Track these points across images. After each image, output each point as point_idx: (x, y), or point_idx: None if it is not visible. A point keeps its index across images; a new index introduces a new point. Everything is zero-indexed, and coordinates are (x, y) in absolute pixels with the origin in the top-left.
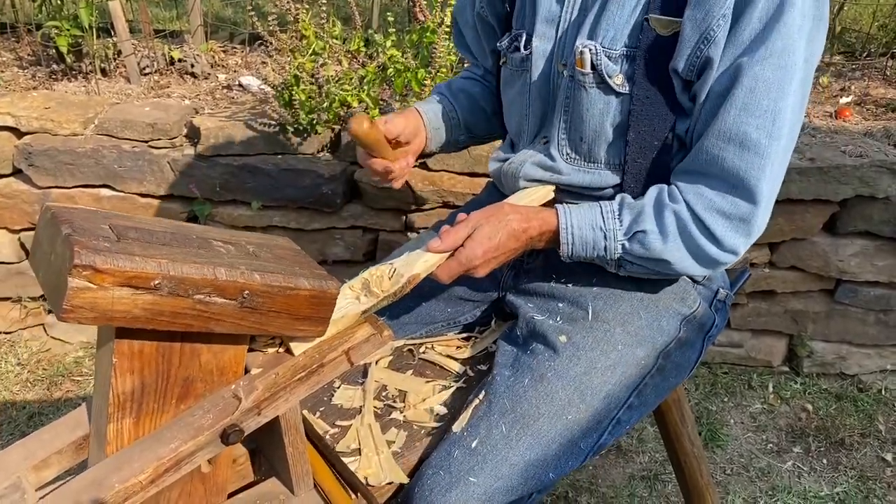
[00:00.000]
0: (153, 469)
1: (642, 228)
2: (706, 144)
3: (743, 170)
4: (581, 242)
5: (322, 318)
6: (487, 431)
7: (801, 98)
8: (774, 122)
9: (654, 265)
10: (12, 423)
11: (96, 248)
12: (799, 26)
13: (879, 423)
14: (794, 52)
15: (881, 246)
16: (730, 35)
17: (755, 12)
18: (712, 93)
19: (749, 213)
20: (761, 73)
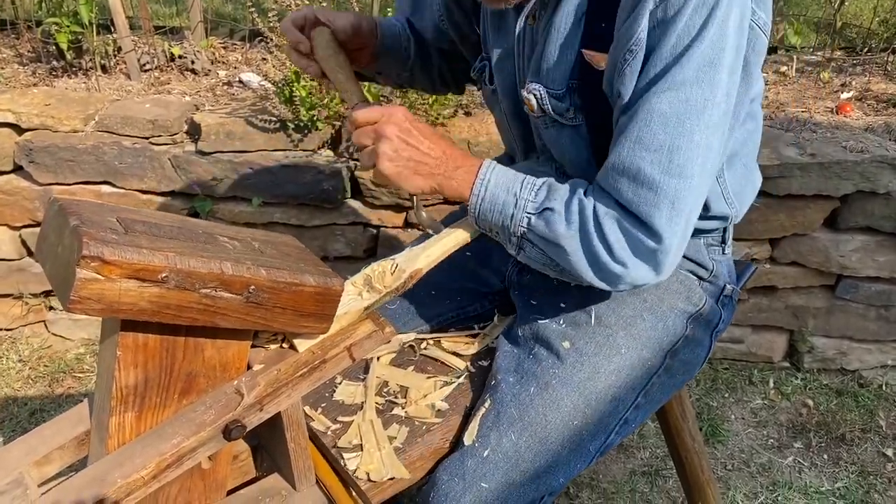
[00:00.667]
0: (155, 465)
1: (551, 206)
2: (606, 170)
3: (635, 203)
4: (491, 200)
5: (326, 315)
6: (497, 441)
7: (716, 133)
8: (672, 159)
9: (552, 251)
10: (14, 419)
11: (104, 239)
12: (711, 60)
13: (880, 419)
14: (700, 85)
15: (882, 241)
16: (642, 68)
17: (667, 46)
18: (619, 123)
19: (648, 244)
20: (657, 106)
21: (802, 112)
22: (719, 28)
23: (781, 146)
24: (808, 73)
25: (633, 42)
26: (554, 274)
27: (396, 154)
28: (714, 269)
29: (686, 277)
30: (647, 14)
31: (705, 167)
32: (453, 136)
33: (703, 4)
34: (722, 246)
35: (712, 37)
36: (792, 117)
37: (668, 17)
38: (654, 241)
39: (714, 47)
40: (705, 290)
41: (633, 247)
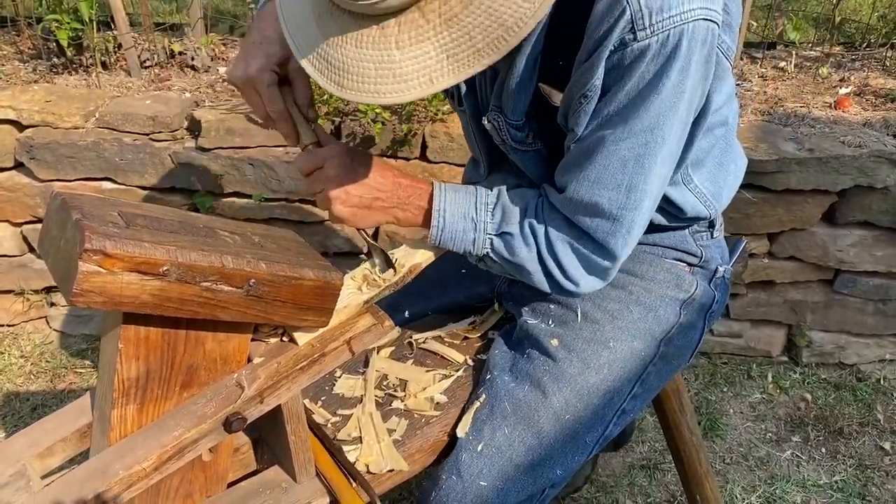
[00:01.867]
0: (156, 457)
1: (509, 230)
2: (564, 201)
3: (593, 230)
4: (451, 230)
5: (326, 309)
6: (491, 434)
7: (669, 161)
8: (629, 196)
9: (513, 269)
10: (16, 414)
11: (106, 233)
12: (671, 104)
13: (878, 413)
14: (660, 127)
15: (880, 236)
16: (596, 108)
17: (623, 89)
18: (572, 153)
19: (602, 264)
20: (616, 151)
21: (801, 107)
22: (679, 74)
23: (780, 141)
24: (806, 69)
25: (589, 87)
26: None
27: (347, 195)
28: (703, 254)
29: (673, 265)
30: (604, 60)
31: (657, 192)
32: (452, 133)
33: (660, 54)
34: (710, 231)
35: (672, 83)
36: (790, 112)
37: (623, 63)
38: (608, 261)
39: (675, 93)
40: (696, 275)
41: (587, 266)
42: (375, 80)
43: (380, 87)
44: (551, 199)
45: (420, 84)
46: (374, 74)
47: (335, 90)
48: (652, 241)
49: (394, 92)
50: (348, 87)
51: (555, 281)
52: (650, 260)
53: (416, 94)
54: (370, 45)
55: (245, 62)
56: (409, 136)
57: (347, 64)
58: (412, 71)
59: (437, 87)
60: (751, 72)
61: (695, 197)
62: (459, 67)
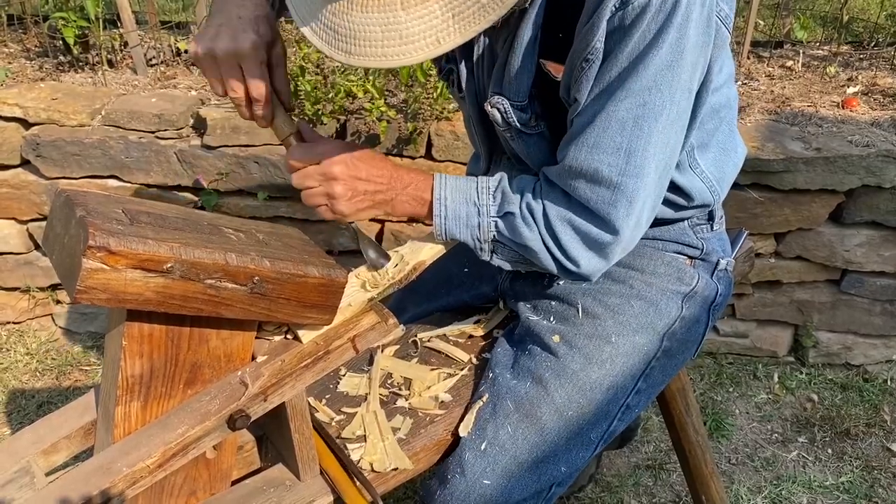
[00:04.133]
0: (160, 454)
1: (511, 210)
2: (562, 171)
3: (593, 201)
4: (454, 216)
5: (330, 307)
6: (494, 433)
7: (674, 130)
8: (629, 161)
9: (522, 251)
10: (21, 412)
11: (110, 230)
12: (669, 62)
13: (885, 414)
14: (659, 89)
15: (887, 236)
16: (598, 73)
17: (624, 51)
18: (573, 125)
19: (603, 238)
20: (615, 113)
21: (808, 106)
22: (678, 31)
23: (787, 140)
24: (814, 68)
25: (590, 51)
26: (525, 269)
27: (353, 192)
28: (704, 247)
29: (673, 259)
30: (605, 21)
31: (662, 163)
32: (457, 131)
33: (661, 10)
34: (710, 223)
35: (671, 41)
36: (797, 112)
37: (625, 24)
38: (609, 235)
39: (672, 51)
40: (698, 268)
41: (587, 242)
42: (382, 44)
43: (386, 51)
44: (549, 176)
45: (427, 45)
46: (381, 37)
47: (343, 58)
48: (652, 234)
49: (401, 54)
50: (356, 52)
51: (558, 261)
52: (650, 254)
53: (422, 55)
54: (375, 8)
55: (230, 36)
56: (415, 134)
57: (354, 30)
58: (418, 31)
59: (443, 48)
60: (758, 71)
61: (701, 182)
62: (465, 25)
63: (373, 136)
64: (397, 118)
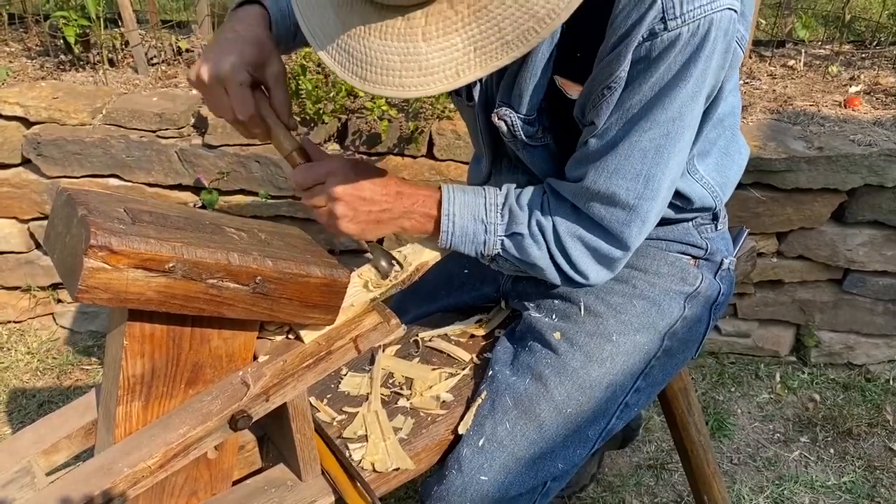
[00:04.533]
0: (162, 454)
1: (519, 231)
2: (578, 191)
3: (607, 220)
4: (461, 233)
5: (332, 307)
6: (492, 429)
7: (686, 149)
8: (647, 186)
9: (527, 267)
10: (22, 411)
11: (112, 229)
12: (693, 94)
13: (887, 413)
14: (682, 118)
15: (890, 235)
16: (619, 100)
17: (648, 81)
18: (590, 145)
19: (613, 254)
20: (638, 143)
21: (810, 106)
22: (704, 63)
23: (789, 140)
24: (816, 67)
25: (613, 79)
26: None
27: (355, 212)
28: (708, 247)
29: (677, 259)
30: (631, 52)
31: (673, 182)
32: (459, 131)
33: (689, 44)
34: (714, 223)
35: (697, 75)
36: (799, 111)
37: (651, 55)
38: (620, 251)
39: (697, 83)
40: (701, 268)
41: (597, 258)
42: (401, 73)
43: (405, 80)
44: (559, 190)
45: (446, 77)
46: (400, 67)
47: (357, 83)
48: (656, 234)
49: (419, 85)
50: (371, 79)
51: (565, 274)
52: (654, 254)
53: (442, 87)
54: (395, 37)
55: (214, 61)
56: (416, 133)
57: (371, 56)
58: (439, 63)
59: (463, 81)
60: (760, 70)
61: (702, 188)
62: (487, 60)
63: (374, 136)
64: (398, 117)
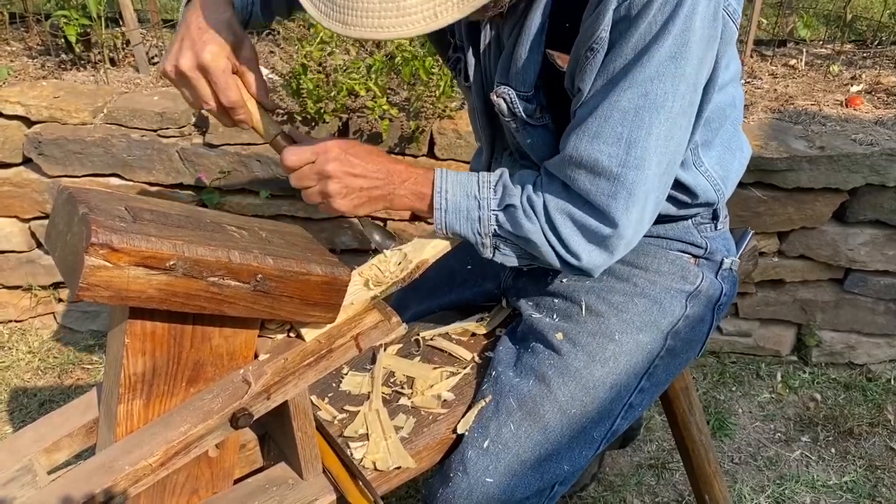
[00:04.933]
0: (163, 452)
1: (512, 202)
2: (562, 162)
3: (593, 192)
4: (455, 209)
5: (333, 305)
6: (497, 431)
7: (677, 124)
8: (629, 151)
9: (524, 245)
10: (24, 410)
11: (113, 227)
12: (673, 54)
13: (888, 413)
14: (661, 79)
15: (891, 235)
16: (603, 64)
17: (630, 42)
18: (576, 115)
19: (602, 231)
20: (617, 103)
21: (811, 105)
22: (684, 22)
23: (790, 139)
24: (817, 67)
25: (595, 40)
26: (528, 265)
27: (348, 189)
28: (708, 246)
29: (678, 258)
30: (611, 11)
31: (665, 157)
32: (460, 130)
33: (668, 2)
34: (714, 222)
35: (676, 32)
36: (801, 110)
37: (631, 14)
38: (608, 228)
39: (677, 42)
40: (702, 267)
41: (587, 235)
42: (379, 15)
43: (383, 22)
44: (549, 168)
45: (424, 18)
46: (378, 9)
47: (339, 28)
48: (656, 233)
49: (397, 26)
50: (352, 23)
51: (559, 255)
52: (654, 252)
53: (419, 28)
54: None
55: (192, 50)
56: (417, 132)
57: (351, 1)
58: (416, 3)
59: (441, 22)
60: (761, 69)
61: (706, 180)
62: (464, 1)
63: (375, 135)
64: (399, 116)
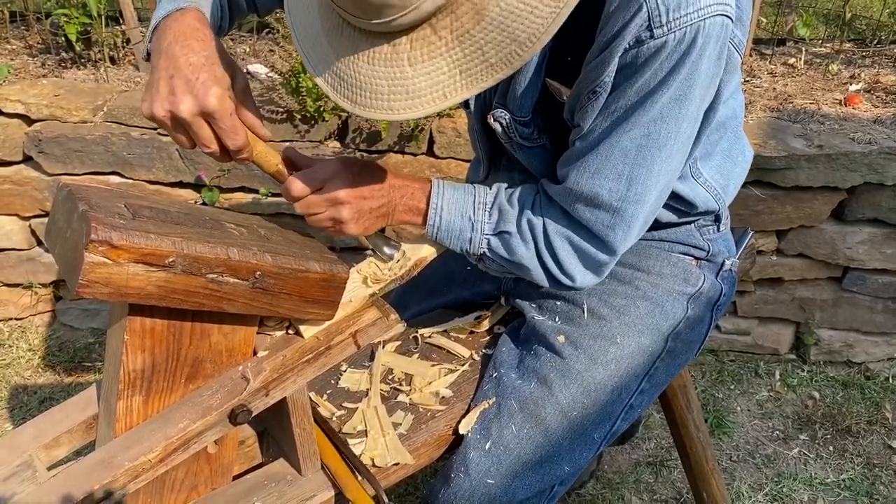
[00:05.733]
0: (162, 448)
1: (507, 229)
2: (563, 193)
3: (592, 222)
4: (447, 228)
5: (332, 302)
6: (499, 432)
7: (678, 157)
8: (630, 188)
9: (512, 267)
10: (24, 407)
11: (113, 224)
12: (678, 97)
13: (886, 411)
14: (664, 120)
15: (890, 233)
16: (605, 103)
17: (634, 86)
18: (575, 147)
19: (599, 258)
20: (618, 143)
21: (810, 104)
22: (689, 69)
23: (789, 138)
24: (816, 65)
25: (598, 84)
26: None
27: (360, 213)
28: (711, 248)
29: (680, 260)
30: (617, 58)
31: (663, 188)
32: (459, 128)
33: (675, 51)
34: (716, 225)
35: (682, 77)
36: (800, 109)
37: (637, 62)
38: (606, 255)
39: (682, 86)
40: (703, 268)
41: (584, 261)
42: (388, 97)
43: (393, 104)
44: (549, 192)
45: (433, 99)
46: (387, 91)
47: (349, 107)
48: (658, 236)
49: (407, 108)
50: (361, 103)
51: (552, 276)
52: (656, 254)
53: (429, 109)
54: (382, 62)
55: (191, 94)
56: (417, 131)
57: (360, 81)
58: (425, 87)
59: (450, 102)
60: (760, 68)
61: (705, 191)
62: (472, 82)
63: (374, 133)
64: None
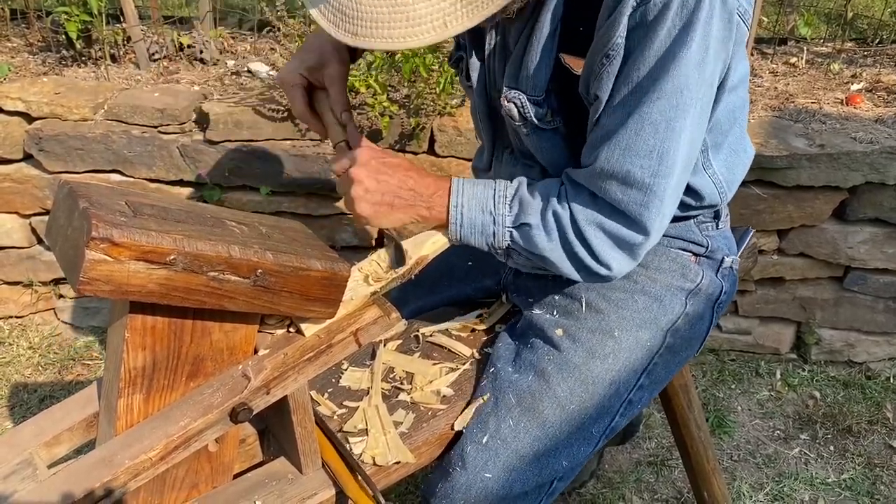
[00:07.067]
0: (163, 446)
1: (527, 221)
2: (592, 174)
3: (625, 203)
4: (469, 224)
5: (333, 300)
6: (496, 426)
7: (698, 126)
8: (661, 162)
9: (538, 261)
10: (24, 405)
11: (113, 221)
12: (698, 61)
13: (887, 411)
14: (689, 88)
15: (891, 233)
16: (625, 71)
17: (651, 49)
18: (601, 125)
19: (634, 239)
20: (648, 115)
21: (812, 103)
22: (703, 28)
23: (790, 137)
24: (817, 65)
25: (611, 47)
26: (541, 272)
27: (368, 193)
28: (709, 244)
29: (678, 255)
30: (626, 17)
31: (689, 157)
32: (460, 127)
33: (684, 7)
34: (715, 221)
35: (699, 39)
36: (801, 108)
37: (647, 20)
38: (641, 236)
39: (700, 48)
40: (702, 265)
41: (618, 243)
42: (389, 25)
43: (392, 32)
44: (575, 178)
45: (434, 28)
46: (388, 18)
47: (350, 39)
48: None
49: (407, 36)
50: (362, 34)
51: (585, 267)
52: (655, 250)
53: (429, 38)
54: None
55: (284, 67)
56: (417, 129)
57: (361, 11)
58: (426, 14)
59: (450, 32)
60: (762, 67)
61: (712, 182)
62: (473, 9)
63: (375, 132)
64: (400, 113)
